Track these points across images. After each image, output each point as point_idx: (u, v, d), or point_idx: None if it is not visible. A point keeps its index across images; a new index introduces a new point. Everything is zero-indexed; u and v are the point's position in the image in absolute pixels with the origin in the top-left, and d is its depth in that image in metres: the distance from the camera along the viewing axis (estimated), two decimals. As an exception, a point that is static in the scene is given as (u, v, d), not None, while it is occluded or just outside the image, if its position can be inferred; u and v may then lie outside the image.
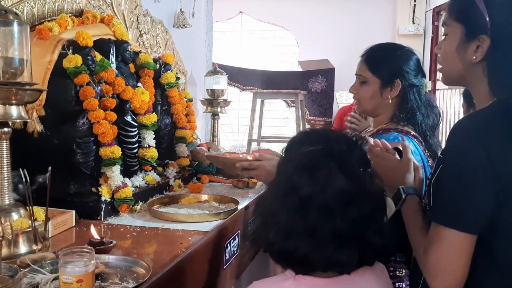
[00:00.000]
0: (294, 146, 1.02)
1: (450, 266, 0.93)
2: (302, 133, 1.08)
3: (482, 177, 0.90)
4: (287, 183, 0.94)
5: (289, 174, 0.95)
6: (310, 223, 0.89)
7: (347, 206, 0.89)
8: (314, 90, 5.70)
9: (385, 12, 5.64)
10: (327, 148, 0.95)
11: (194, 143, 2.29)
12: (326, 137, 0.99)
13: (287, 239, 0.91)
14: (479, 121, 0.95)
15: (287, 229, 0.91)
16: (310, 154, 0.95)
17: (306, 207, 0.90)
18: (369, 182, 0.95)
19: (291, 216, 0.91)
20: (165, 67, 2.04)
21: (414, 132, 1.39)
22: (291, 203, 0.91)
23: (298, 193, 0.91)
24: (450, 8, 1.04)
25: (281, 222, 0.92)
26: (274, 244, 0.93)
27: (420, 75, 1.44)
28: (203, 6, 3.32)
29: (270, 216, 0.95)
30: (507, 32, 0.95)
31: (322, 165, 0.92)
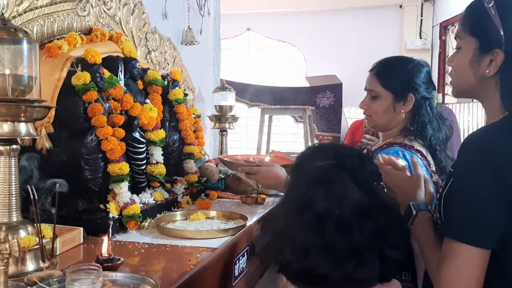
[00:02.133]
0: (305, 161, 1.01)
1: (463, 281, 0.91)
2: (312, 148, 1.07)
3: (493, 193, 0.89)
4: (301, 199, 0.92)
5: (303, 190, 0.93)
6: (328, 240, 0.87)
7: (364, 220, 0.88)
8: (322, 106, 5.69)
9: (392, 27, 5.66)
10: (340, 162, 0.94)
11: (203, 159, 2.28)
12: (338, 152, 0.98)
13: (304, 258, 0.88)
14: (490, 136, 0.94)
15: (304, 248, 0.89)
16: (323, 168, 0.94)
17: (322, 223, 0.88)
18: (383, 194, 0.94)
19: (307, 233, 0.88)
20: (173, 83, 2.05)
21: (419, 146, 1.36)
22: (307, 219, 0.89)
23: (313, 208, 0.89)
24: (463, 21, 1.03)
25: (296, 241, 0.90)
26: (291, 264, 0.91)
27: (431, 88, 1.42)
28: (211, 23, 3.36)
29: (284, 235, 0.93)
30: None
31: (336, 179, 0.90)
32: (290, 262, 0.89)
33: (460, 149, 0.98)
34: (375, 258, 0.87)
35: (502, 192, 0.88)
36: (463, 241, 0.91)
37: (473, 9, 1.02)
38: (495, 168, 0.89)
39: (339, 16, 5.80)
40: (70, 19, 1.72)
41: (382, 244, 0.88)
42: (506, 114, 0.97)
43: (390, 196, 0.96)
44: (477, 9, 1.00)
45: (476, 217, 0.91)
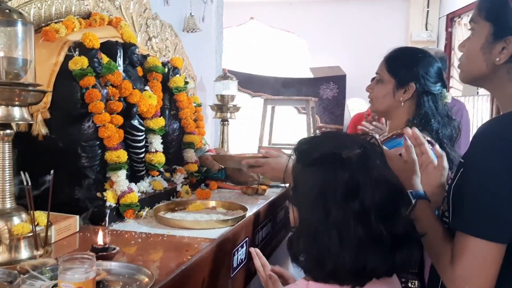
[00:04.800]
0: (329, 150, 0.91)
1: (478, 277, 0.88)
2: (317, 137, 1.02)
3: (507, 185, 0.85)
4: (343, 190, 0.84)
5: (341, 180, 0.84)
6: (376, 231, 0.82)
7: (398, 206, 0.86)
8: (325, 97, 5.65)
9: (398, 18, 5.59)
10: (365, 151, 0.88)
11: (203, 149, 2.25)
12: (354, 140, 0.92)
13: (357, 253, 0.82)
14: (505, 126, 0.90)
15: (352, 243, 0.82)
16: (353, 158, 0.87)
17: (367, 214, 0.82)
18: (401, 185, 0.91)
19: (354, 225, 0.82)
20: (174, 71, 2.01)
21: (428, 136, 1.33)
22: (352, 210, 0.82)
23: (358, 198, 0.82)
24: (480, 6, 0.99)
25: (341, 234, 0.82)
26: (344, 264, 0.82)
27: (439, 84, 1.39)
28: (213, 10, 3.30)
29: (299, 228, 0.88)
30: None
31: (370, 167, 0.86)
32: (345, 263, 0.82)
33: (472, 140, 0.94)
34: (384, 250, 0.83)
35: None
36: (477, 236, 0.88)
37: None
38: (509, 161, 0.85)
39: (344, 6, 5.73)
40: (68, 2, 1.68)
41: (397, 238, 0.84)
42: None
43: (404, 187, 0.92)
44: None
45: (490, 211, 0.87)
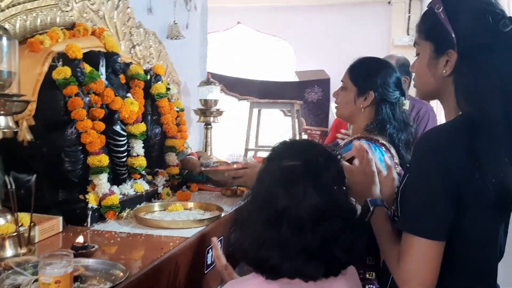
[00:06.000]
0: (276, 157, 1.05)
1: (420, 272, 0.97)
2: (284, 144, 1.10)
3: (442, 188, 0.95)
4: (265, 195, 0.99)
5: (267, 186, 0.99)
6: (283, 236, 0.94)
7: (318, 223, 0.94)
8: (310, 100, 5.76)
9: (380, 23, 5.72)
10: (305, 164, 0.99)
11: (185, 152, 2.34)
12: (306, 151, 1.03)
13: (260, 248, 0.95)
14: (442, 135, 1.00)
15: (260, 240, 0.96)
16: (288, 168, 0.99)
17: (280, 220, 0.94)
18: (342, 199, 1.00)
19: (265, 227, 0.96)
20: (156, 78, 2.10)
21: (383, 140, 1.44)
22: (267, 214, 0.96)
23: (274, 205, 0.95)
24: (419, 28, 1.10)
25: (255, 232, 0.97)
26: (248, 252, 0.98)
27: (397, 93, 1.50)
28: (198, 18, 3.39)
29: (245, 226, 1.00)
30: (471, 46, 1.00)
31: (298, 181, 0.96)
32: (248, 251, 0.96)
33: (414, 147, 1.04)
34: (323, 257, 0.94)
35: (450, 188, 0.95)
36: (418, 235, 0.97)
37: (426, 16, 1.08)
38: (444, 165, 0.95)
39: (328, 11, 5.85)
40: (53, 14, 1.76)
41: (333, 245, 0.94)
42: (460, 113, 1.03)
43: (348, 200, 1.02)
44: (430, 16, 1.06)
45: (427, 211, 0.97)
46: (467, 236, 0.99)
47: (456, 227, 0.97)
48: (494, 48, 0.98)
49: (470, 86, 1.00)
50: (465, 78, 1.01)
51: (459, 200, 0.95)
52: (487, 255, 1.02)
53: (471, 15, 1.01)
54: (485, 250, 1.02)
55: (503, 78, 0.98)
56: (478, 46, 0.99)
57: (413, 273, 0.97)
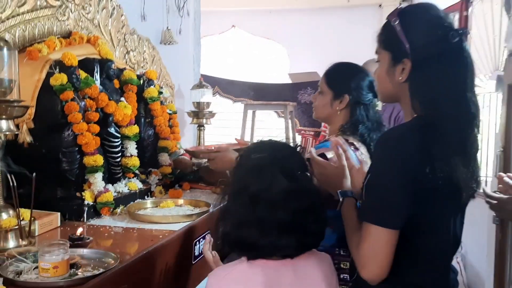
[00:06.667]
0: (246, 153, 1.21)
1: (375, 257, 1.07)
2: (254, 143, 1.26)
3: (398, 183, 1.06)
4: (239, 183, 1.12)
5: (241, 176, 1.14)
6: (258, 216, 1.07)
7: (288, 202, 1.07)
8: (303, 102, 5.87)
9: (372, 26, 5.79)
10: (272, 155, 1.13)
11: (177, 153, 2.46)
12: (272, 146, 1.19)
13: (239, 229, 1.09)
14: (399, 135, 1.12)
15: (239, 221, 1.09)
16: (258, 159, 1.14)
17: (254, 203, 1.07)
18: (306, 182, 1.13)
19: (242, 210, 1.09)
20: (149, 82, 2.22)
21: (353, 140, 1.55)
22: (242, 199, 1.09)
23: (248, 191, 1.09)
24: (378, 39, 1.21)
25: (234, 216, 1.10)
26: (229, 234, 1.11)
27: (370, 95, 1.62)
28: (190, 23, 3.51)
29: (227, 212, 1.13)
30: (423, 55, 1.11)
31: (267, 169, 1.10)
32: (229, 233, 1.09)
33: (375, 145, 1.16)
34: (296, 230, 1.06)
35: (405, 182, 1.06)
36: (374, 223, 1.08)
37: (384, 28, 1.20)
38: (399, 162, 1.06)
39: (321, 14, 5.96)
40: (50, 23, 1.88)
41: (304, 220, 1.07)
42: (415, 116, 1.15)
43: (312, 183, 1.15)
44: (387, 28, 1.18)
45: (383, 203, 1.08)
46: (421, 226, 1.10)
47: (412, 217, 1.08)
48: (444, 57, 1.10)
49: (423, 92, 1.11)
50: (418, 84, 1.12)
51: (413, 192, 1.06)
52: (439, 242, 1.13)
53: (423, 28, 1.13)
54: (437, 238, 1.13)
55: (452, 84, 1.09)
56: (429, 55, 1.10)
57: (370, 257, 1.07)
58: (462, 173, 1.07)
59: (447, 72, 1.10)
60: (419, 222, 1.09)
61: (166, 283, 1.34)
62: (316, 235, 1.13)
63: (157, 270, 1.29)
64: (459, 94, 1.11)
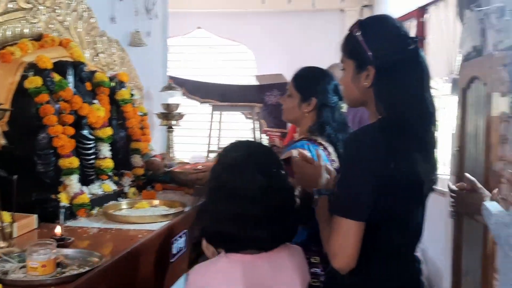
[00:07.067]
0: (224, 153, 1.27)
1: (344, 247, 1.16)
2: (231, 143, 1.32)
3: (364, 179, 1.15)
4: (218, 181, 1.18)
5: (219, 174, 1.20)
6: (236, 211, 1.14)
7: (264, 197, 1.14)
8: (270, 103, 5.98)
9: (335, 29, 6.00)
10: (249, 154, 1.21)
11: (149, 154, 2.48)
12: (249, 146, 1.27)
13: (218, 224, 1.15)
14: (365, 135, 1.21)
15: (218, 216, 1.15)
16: (235, 158, 1.20)
17: (232, 199, 1.14)
18: (281, 179, 1.21)
19: (221, 206, 1.15)
20: (120, 84, 2.24)
21: (322, 141, 1.65)
22: (221, 196, 1.16)
23: (226, 188, 1.16)
24: (342, 48, 1.31)
25: (213, 211, 1.16)
26: (208, 228, 1.18)
27: (336, 98, 1.71)
28: (159, 25, 3.53)
29: (205, 207, 1.19)
30: (385, 62, 1.21)
31: (245, 167, 1.17)
32: (208, 227, 1.15)
33: (344, 144, 1.24)
34: (270, 224, 1.13)
35: (371, 178, 1.15)
36: (342, 216, 1.17)
37: (347, 38, 1.29)
38: (366, 159, 1.15)
39: (285, 18, 6.08)
40: (21, 26, 1.87)
41: (279, 215, 1.15)
42: (379, 117, 1.24)
43: (286, 180, 1.23)
44: (350, 38, 1.27)
45: (351, 197, 1.17)
46: (388, 218, 1.20)
47: (378, 210, 1.17)
48: (403, 62, 1.20)
49: (386, 95, 1.21)
50: (382, 89, 1.22)
51: (379, 186, 1.15)
52: (404, 233, 1.24)
53: (382, 37, 1.22)
54: (402, 228, 1.23)
55: (411, 87, 1.20)
56: (390, 62, 1.20)
57: (340, 248, 1.16)
58: (423, 168, 1.18)
59: (406, 76, 1.21)
60: (385, 214, 1.18)
61: (148, 281, 1.38)
62: (290, 230, 1.21)
63: (139, 269, 1.33)
64: (418, 95, 1.22)
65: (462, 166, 2.72)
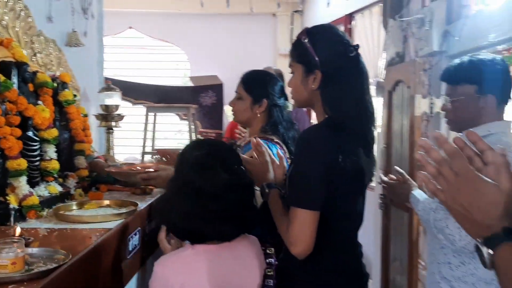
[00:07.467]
0: (187, 151, 1.34)
1: (301, 235, 1.28)
2: (193, 141, 1.41)
3: (316, 172, 1.28)
4: (184, 179, 1.25)
5: (185, 172, 1.27)
6: (203, 207, 1.21)
7: (228, 193, 1.23)
8: (205, 104, 6.04)
9: (267, 33, 6.22)
10: (212, 152, 1.29)
11: (92, 156, 2.46)
12: (210, 144, 1.35)
13: (185, 219, 1.22)
14: (315, 132, 1.35)
15: (185, 212, 1.23)
16: (200, 156, 1.28)
17: (199, 196, 1.22)
18: (242, 175, 1.31)
19: (188, 202, 1.23)
20: (63, 85, 2.21)
21: (277, 139, 1.78)
22: (188, 193, 1.23)
23: (192, 185, 1.23)
24: (291, 54, 1.44)
25: (180, 208, 1.23)
26: (176, 223, 1.24)
27: (282, 98, 1.85)
28: (95, 25, 3.48)
29: (171, 204, 1.25)
30: (330, 67, 1.36)
31: (209, 165, 1.25)
32: (176, 222, 1.22)
33: (296, 141, 1.37)
34: (235, 218, 1.23)
35: (324, 171, 1.29)
36: (298, 206, 1.29)
37: (296, 44, 1.42)
38: (317, 154, 1.29)
39: (220, 20, 6.17)
40: (-41, 24, 1.80)
41: (242, 209, 1.24)
42: (326, 116, 1.39)
43: (247, 176, 1.33)
44: (298, 45, 1.40)
45: (306, 189, 1.30)
46: (336, 207, 1.34)
47: (329, 200, 1.31)
48: (346, 68, 1.35)
49: (331, 97, 1.36)
50: (328, 91, 1.36)
51: (329, 179, 1.29)
52: (351, 220, 1.39)
53: (328, 44, 1.37)
54: (349, 216, 1.38)
55: (353, 90, 1.35)
56: (335, 67, 1.35)
57: (298, 236, 1.28)
58: (365, 161, 1.34)
59: (349, 80, 1.36)
60: (334, 203, 1.33)
61: (108, 277, 1.42)
62: (251, 222, 1.31)
63: (101, 265, 1.36)
64: (359, 97, 1.37)
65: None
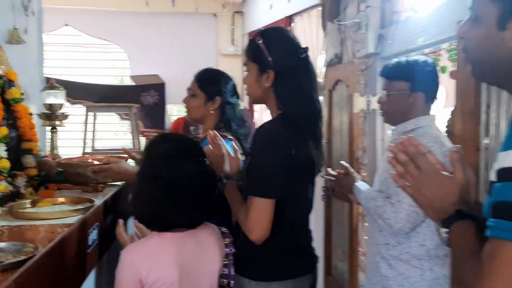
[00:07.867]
0: (154, 144, 1.40)
1: (259, 222, 1.39)
2: (160, 135, 1.47)
3: (272, 162, 1.40)
4: (153, 170, 1.32)
5: (154, 164, 1.33)
6: (173, 196, 1.29)
7: (196, 183, 1.32)
8: (146, 104, 5.99)
9: (209, 33, 6.28)
10: (179, 145, 1.37)
11: (39, 155, 2.43)
12: (176, 138, 1.45)
13: (156, 209, 1.29)
14: (271, 127, 1.46)
15: (156, 202, 1.30)
16: (168, 149, 1.35)
17: (169, 186, 1.29)
18: (207, 166, 1.40)
19: (158, 193, 1.30)
20: (9, 83, 2.18)
21: (231, 136, 1.88)
22: (158, 184, 1.30)
23: (162, 176, 1.30)
24: (247, 53, 1.54)
25: (151, 196, 1.29)
26: (146, 212, 1.31)
27: (235, 96, 1.95)
28: (35, 22, 3.39)
29: (142, 195, 1.32)
30: (282, 67, 1.48)
31: (177, 157, 1.33)
32: (146, 211, 1.29)
33: (253, 136, 1.48)
34: (200, 206, 1.32)
35: (280, 162, 1.40)
36: (255, 195, 1.40)
37: (251, 44, 1.53)
38: (273, 146, 1.41)
39: (161, 19, 6.14)
40: None
41: (207, 198, 1.34)
42: (279, 112, 1.51)
43: (210, 167, 1.43)
44: (253, 45, 1.51)
45: (262, 179, 1.41)
46: (288, 194, 1.47)
47: (284, 188, 1.43)
48: (297, 68, 1.48)
49: (284, 94, 1.48)
50: (280, 89, 1.48)
51: (283, 169, 1.41)
52: (300, 206, 1.52)
53: (280, 46, 1.49)
54: (299, 203, 1.51)
55: (303, 88, 1.48)
56: (287, 67, 1.47)
57: (256, 223, 1.39)
58: (315, 153, 1.48)
59: (299, 80, 1.49)
60: (287, 191, 1.45)
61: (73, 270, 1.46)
62: (213, 210, 1.41)
63: (65, 259, 1.40)
64: (308, 95, 1.51)
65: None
